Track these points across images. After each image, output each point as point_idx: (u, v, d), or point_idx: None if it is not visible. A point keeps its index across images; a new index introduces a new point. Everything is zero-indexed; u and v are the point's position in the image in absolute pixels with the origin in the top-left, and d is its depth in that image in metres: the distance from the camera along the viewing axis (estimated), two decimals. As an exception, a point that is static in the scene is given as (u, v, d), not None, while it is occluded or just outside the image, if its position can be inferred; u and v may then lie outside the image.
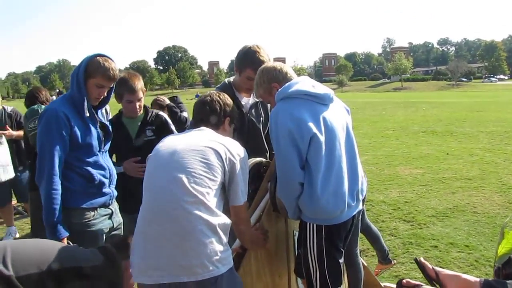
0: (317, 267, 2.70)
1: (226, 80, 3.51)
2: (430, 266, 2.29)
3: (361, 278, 3.28)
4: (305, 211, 2.64)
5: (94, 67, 2.72)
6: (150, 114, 3.48)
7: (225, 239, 2.21)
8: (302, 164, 2.55)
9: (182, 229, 2.11)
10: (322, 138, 2.52)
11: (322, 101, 2.66)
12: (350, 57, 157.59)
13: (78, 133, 2.75)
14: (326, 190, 2.54)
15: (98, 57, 2.74)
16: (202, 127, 2.52)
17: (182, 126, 3.66)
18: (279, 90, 2.67)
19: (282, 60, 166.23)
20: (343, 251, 2.79)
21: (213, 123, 2.57)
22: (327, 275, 2.70)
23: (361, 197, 2.82)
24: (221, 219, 2.22)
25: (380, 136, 14.68)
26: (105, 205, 2.93)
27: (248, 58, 3.20)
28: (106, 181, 2.92)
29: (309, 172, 2.55)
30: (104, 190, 2.90)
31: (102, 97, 2.87)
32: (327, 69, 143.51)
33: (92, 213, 2.83)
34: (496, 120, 18.24)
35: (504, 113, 21.75)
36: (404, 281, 2.18)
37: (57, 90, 46.13)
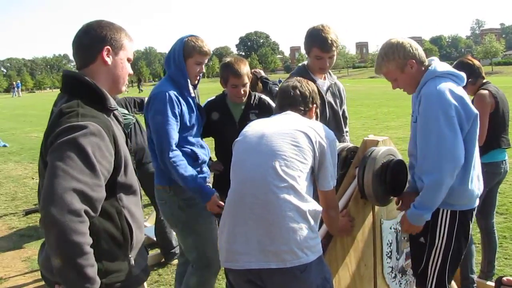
0: (441, 255, 2.65)
1: (300, 64, 3.53)
2: None
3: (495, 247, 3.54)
4: (448, 196, 2.53)
5: (189, 47, 2.90)
6: (253, 97, 3.45)
7: (315, 226, 2.16)
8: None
9: (272, 214, 2.06)
10: (478, 119, 2.52)
11: (461, 82, 2.63)
12: (436, 40, 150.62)
13: (186, 114, 2.92)
14: (473, 174, 2.57)
15: (190, 38, 2.92)
16: (289, 111, 2.47)
17: (271, 98, 3.65)
18: (431, 69, 2.59)
19: (365, 45, 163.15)
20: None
21: (301, 109, 2.49)
22: (448, 262, 2.65)
23: None
24: (312, 205, 2.16)
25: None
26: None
27: (313, 38, 3.23)
28: (207, 160, 3.10)
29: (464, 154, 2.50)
30: (204, 169, 3.08)
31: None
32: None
33: None
34: None
35: None
36: (505, 279, 2.04)
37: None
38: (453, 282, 2.90)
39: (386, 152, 2.80)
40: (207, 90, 15.15)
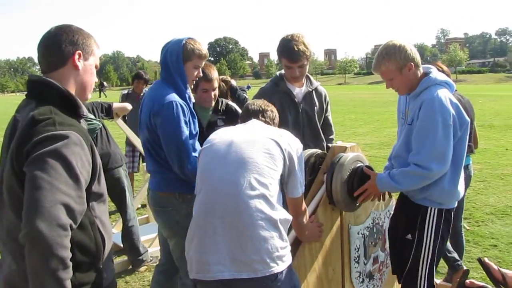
0: (430, 252, 2.74)
1: (277, 72, 3.55)
2: (495, 267, 2.20)
3: (462, 250, 3.63)
4: (438, 196, 2.70)
5: (188, 50, 2.80)
6: (220, 103, 3.47)
7: (285, 235, 2.15)
8: None
9: (243, 223, 2.03)
10: (469, 125, 2.69)
11: (452, 90, 2.78)
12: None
13: (191, 121, 2.85)
14: (461, 176, 2.74)
15: (188, 40, 2.82)
16: (253, 120, 2.47)
17: (239, 105, 3.68)
18: (432, 76, 2.69)
19: (333, 51, 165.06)
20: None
21: (263, 119, 2.51)
22: (435, 260, 2.76)
23: None
24: (283, 213, 2.15)
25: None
26: None
27: (282, 48, 3.27)
28: None
29: (455, 158, 2.64)
30: None
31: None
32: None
33: None
34: (559, 114, 17.38)
35: None
36: (468, 281, 2.10)
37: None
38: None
39: (354, 158, 2.84)
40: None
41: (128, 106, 4.74)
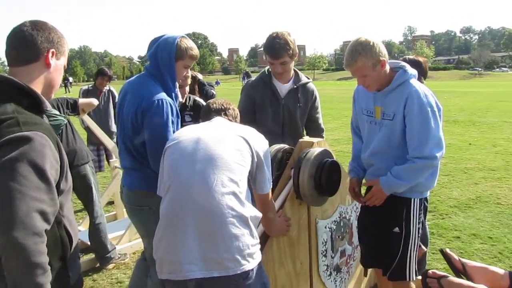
0: (416, 240, 2.81)
1: (266, 68, 3.60)
2: (456, 257, 2.27)
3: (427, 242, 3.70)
4: (421, 185, 2.77)
5: (181, 49, 2.74)
6: (188, 99, 3.49)
7: (255, 232, 2.14)
8: None
9: (214, 221, 2.00)
10: None
11: None
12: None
13: (175, 120, 2.78)
14: None
15: (181, 39, 2.77)
16: (217, 117, 2.45)
17: (206, 100, 3.70)
18: (408, 72, 2.73)
19: (302, 48, 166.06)
20: None
21: (229, 116, 2.51)
22: (417, 248, 2.84)
23: None
24: (253, 211, 2.14)
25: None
26: None
27: (265, 44, 3.35)
28: None
29: None
30: None
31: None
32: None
33: None
34: (520, 110, 17.93)
35: None
36: (430, 271, 2.15)
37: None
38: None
39: (320, 153, 2.87)
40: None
41: (95, 101, 4.64)
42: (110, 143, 5.43)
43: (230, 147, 2.14)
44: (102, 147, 6.54)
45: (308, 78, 3.67)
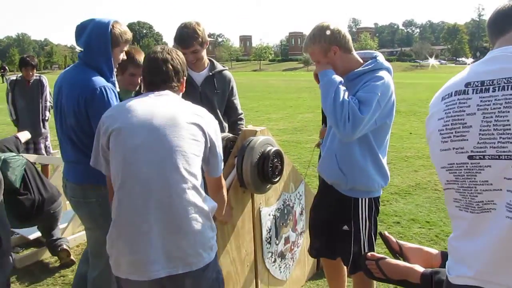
0: (368, 237, 2.77)
1: None
2: (394, 239, 2.35)
3: None
4: (366, 185, 2.70)
5: (116, 35, 2.67)
6: (141, 87, 3.44)
7: (213, 223, 2.12)
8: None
9: (177, 218, 1.95)
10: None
11: (391, 75, 2.72)
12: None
13: None
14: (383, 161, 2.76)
15: (114, 24, 2.68)
16: (166, 92, 2.20)
17: None
18: (379, 61, 2.63)
19: (248, 38, 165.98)
20: None
21: (174, 86, 2.23)
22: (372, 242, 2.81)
23: None
24: (210, 202, 2.11)
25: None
26: None
27: (175, 34, 3.33)
28: None
29: (378, 144, 2.69)
30: None
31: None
32: (294, 48, 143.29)
33: None
34: (457, 101, 18.65)
35: None
36: (369, 254, 2.23)
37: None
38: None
39: (263, 142, 2.90)
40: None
41: (28, 134, 4.69)
42: None
43: (187, 137, 2.01)
44: (31, 141, 6.33)
45: (224, 67, 3.68)
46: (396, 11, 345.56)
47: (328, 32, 2.60)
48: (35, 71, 6.33)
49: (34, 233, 4.57)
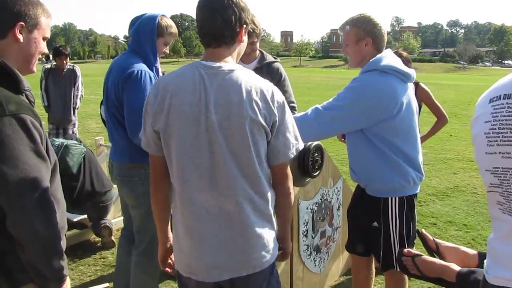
0: (397, 235, 2.78)
1: None
2: (431, 237, 2.37)
3: None
4: (386, 180, 2.71)
5: (162, 26, 2.90)
6: None
7: (275, 221, 2.00)
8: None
9: (237, 224, 1.85)
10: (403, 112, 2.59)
11: (407, 80, 2.68)
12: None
13: None
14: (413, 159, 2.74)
15: (162, 17, 2.91)
16: (227, 62, 1.84)
17: None
18: (374, 59, 2.61)
19: (290, 34, 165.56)
20: None
21: (227, 38, 1.83)
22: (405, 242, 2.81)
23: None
24: (271, 202, 1.94)
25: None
26: None
27: None
28: None
29: (400, 146, 2.66)
30: None
31: None
32: (335, 45, 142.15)
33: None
34: (501, 104, 18.23)
35: None
36: (405, 250, 2.26)
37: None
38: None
39: (305, 136, 2.95)
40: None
41: None
42: None
43: (247, 136, 1.79)
44: (61, 127, 6.67)
45: (276, 58, 3.72)
46: (441, 10, 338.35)
47: (369, 23, 2.63)
48: (68, 59, 6.58)
49: (78, 216, 4.76)
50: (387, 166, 2.68)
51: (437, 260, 2.19)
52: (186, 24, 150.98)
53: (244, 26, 1.85)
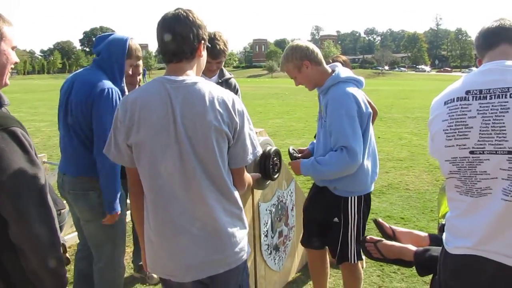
0: (355, 230, 3.02)
1: None
2: (387, 225, 2.67)
3: None
4: (352, 185, 2.96)
5: (132, 49, 3.03)
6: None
7: (245, 220, 2.16)
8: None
9: (210, 226, 1.99)
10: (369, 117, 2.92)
11: (361, 86, 3.04)
12: (280, 43, 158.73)
13: None
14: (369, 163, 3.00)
15: (132, 40, 3.04)
16: (188, 74, 2.00)
17: None
18: (335, 74, 2.93)
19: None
20: None
21: (187, 54, 1.98)
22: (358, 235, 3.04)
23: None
24: (239, 202, 2.11)
25: (314, 121, 15.14)
26: None
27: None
28: None
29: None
30: None
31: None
32: (258, 54, 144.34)
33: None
34: (420, 107, 19.45)
35: (427, 101, 22.67)
36: (367, 237, 2.54)
37: None
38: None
39: (264, 142, 3.15)
40: (49, 86, 14.37)
41: None
42: None
43: (212, 142, 1.95)
44: None
45: (231, 75, 3.98)
46: (358, 19, 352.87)
47: (298, 49, 2.95)
48: None
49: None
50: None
51: (396, 243, 2.49)
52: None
53: (202, 42, 2.01)
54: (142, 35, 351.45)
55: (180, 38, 1.93)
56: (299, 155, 3.33)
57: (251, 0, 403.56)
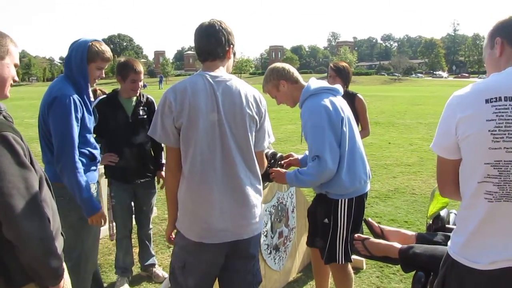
0: (344, 232, 3.05)
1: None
2: (376, 224, 2.77)
3: None
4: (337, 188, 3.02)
5: (93, 52, 2.94)
6: (142, 96, 3.97)
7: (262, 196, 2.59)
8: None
9: (241, 196, 2.39)
10: (346, 123, 3.01)
11: (337, 93, 3.15)
12: (297, 50, 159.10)
13: (86, 117, 2.95)
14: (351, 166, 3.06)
15: (93, 42, 2.97)
16: (220, 71, 2.45)
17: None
18: (305, 89, 3.08)
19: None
20: None
21: (220, 54, 2.44)
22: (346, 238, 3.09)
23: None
24: (260, 180, 2.54)
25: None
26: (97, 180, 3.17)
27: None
28: (99, 159, 3.17)
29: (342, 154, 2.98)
30: (98, 166, 3.17)
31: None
32: (274, 61, 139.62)
33: (94, 186, 3.05)
34: (434, 113, 19.35)
35: (441, 107, 22.43)
36: (356, 235, 2.64)
37: None
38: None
39: (263, 145, 3.29)
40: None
41: None
42: None
43: (247, 128, 2.41)
44: None
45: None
46: (375, 25, 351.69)
47: (274, 71, 3.17)
48: None
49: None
50: (338, 173, 3.00)
51: (382, 241, 2.59)
52: (124, 44, 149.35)
53: (231, 46, 2.47)
54: (161, 42, 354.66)
55: (214, 41, 2.39)
56: (283, 162, 3.45)
57: (268, 7, 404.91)
